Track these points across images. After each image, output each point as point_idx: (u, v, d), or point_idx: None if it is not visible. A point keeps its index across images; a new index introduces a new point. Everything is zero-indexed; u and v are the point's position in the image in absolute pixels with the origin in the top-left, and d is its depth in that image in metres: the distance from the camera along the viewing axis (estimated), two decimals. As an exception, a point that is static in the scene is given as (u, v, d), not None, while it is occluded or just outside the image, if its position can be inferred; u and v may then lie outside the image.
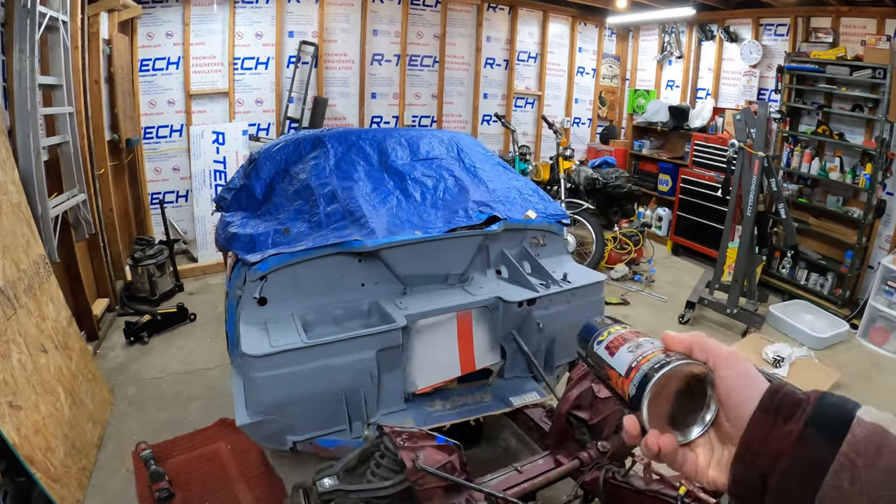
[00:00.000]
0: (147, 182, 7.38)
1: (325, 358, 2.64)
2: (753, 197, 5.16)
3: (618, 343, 0.81)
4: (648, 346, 0.75)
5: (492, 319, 3.07)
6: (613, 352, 0.80)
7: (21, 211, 3.72)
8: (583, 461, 2.60)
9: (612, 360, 0.79)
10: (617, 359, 0.79)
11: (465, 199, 3.31)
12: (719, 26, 7.70)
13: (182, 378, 4.57)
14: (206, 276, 6.77)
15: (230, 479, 3.46)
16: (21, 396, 3.05)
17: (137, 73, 7.02)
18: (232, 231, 3.20)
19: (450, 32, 8.40)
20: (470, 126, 8.80)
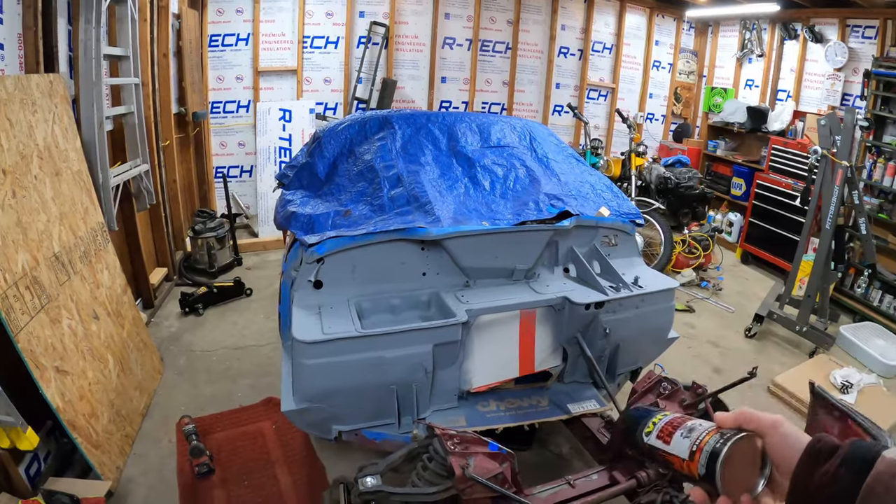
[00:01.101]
0: (212, 156, 7.47)
1: (379, 349, 2.52)
2: (834, 209, 4.83)
3: (669, 430, 0.90)
4: (700, 429, 0.84)
5: (556, 320, 2.90)
6: (668, 440, 0.89)
7: (81, 179, 3.74)
8: (640, 481, 2.43)
9: (670, 447, 0.88)
10: (675, 446, 0.87)
11: (536, 191, 3.14)
12: (803, 25, 7.26)
13: (233, 353, 4.57)
14: (265, 251, 6.81)
15: (271, 461, 3.42)
16: (69, 362, 3.07)
17: (206, 48, 7.10)
18: (291, 210, 3.11)
19: (523, 19, 8.18)
20: (541, 116, 8.58)
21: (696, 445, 0.82)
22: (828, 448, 0.71)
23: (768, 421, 0.78)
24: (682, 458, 0.84)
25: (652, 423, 0.93)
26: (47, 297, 3.03)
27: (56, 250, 3.24)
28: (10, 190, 2.90)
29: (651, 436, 0.92)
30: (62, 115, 3.58)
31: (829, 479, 0.68)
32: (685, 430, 0.86)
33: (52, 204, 3.31)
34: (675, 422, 0.90)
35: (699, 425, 0.85)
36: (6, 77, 3.09)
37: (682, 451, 0.84)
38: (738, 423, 0.81)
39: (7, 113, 2.99)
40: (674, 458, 0.87)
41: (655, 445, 0.91)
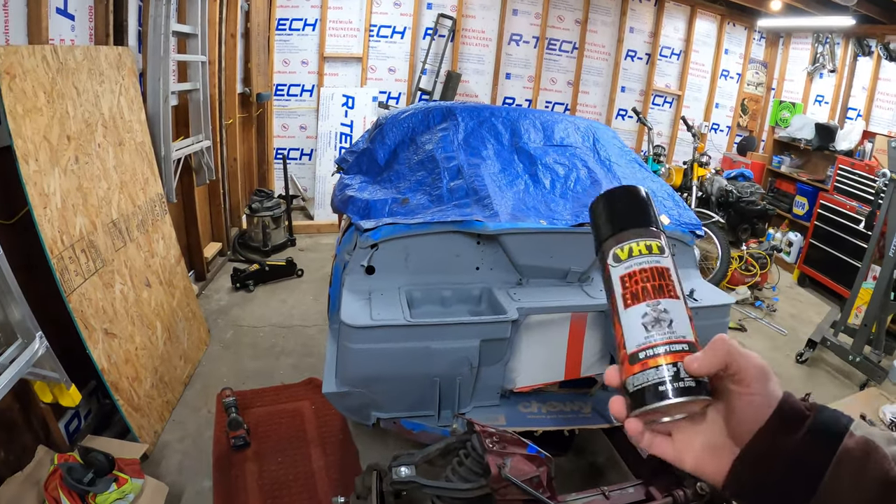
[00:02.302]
0: (273, 137, 7.60)
1: (427, 340, 2.51)
2: (899, 236, 4.61)
3: (638, 289, 0.67)
4: (664, 334, 0.64)
5: (606, 326, 2.84)
6: (628, 300, 0.67)
7: (144, 150, 3.84)
8: (677, 500, 2.37)
9: (623, 313, 0.67)
10: (628, 318, 0.67)
11: (596, 193, 3.06)
12: (878, 42, 6.97)
13: (279, 331, 4.63)
14: (319, 234, 6.91)
15: (307, 440, 3.46)
16: (117, 325, 3.16)
17: (274, 32, 7.22)
18: (349, 194, 3.13)
19: (592, 19, 8.07)
20: (604, 118, 8.45)
21: (645, 353, 0.64)
22: (795, 415, 0.63)
23: (753, 372, 0.63)
24: (624, 341, 0.66)
25: (629, 249, 0.69)
26: (102, 261, 3.12)
27: (114, 217, 3.34)
28: (73, 155, 2.99)
29: (619, 267, 0.69)
30: (129, 87, 3.68)
31: (793, 448, 0.61)
32: (654, 311, 0.65)
33: (114, 172, 3.41)
34: (655, 283, 0.66)
35: (668, 322, 0.64)
36: (76, 47, 3.18)
37: (630, 333, 0.65)
38: (715, 362, 0.63)
39: (74, 82, 3.08)
40: (618, 326, 0.67)
41: (613, 284, 0.69)
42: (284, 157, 6.71)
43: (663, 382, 0.62)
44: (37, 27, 2.90)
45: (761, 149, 8.79)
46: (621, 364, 0.66)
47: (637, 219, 0.71)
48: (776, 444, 0.62)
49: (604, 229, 0.72)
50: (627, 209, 0.72)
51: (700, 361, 0.63)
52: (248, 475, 3.14)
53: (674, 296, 0.66)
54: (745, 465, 0.64)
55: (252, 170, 7.22)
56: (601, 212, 0.73)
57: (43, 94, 2.78)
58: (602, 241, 0.72)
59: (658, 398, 0.63)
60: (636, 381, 0.64)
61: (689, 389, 0.63)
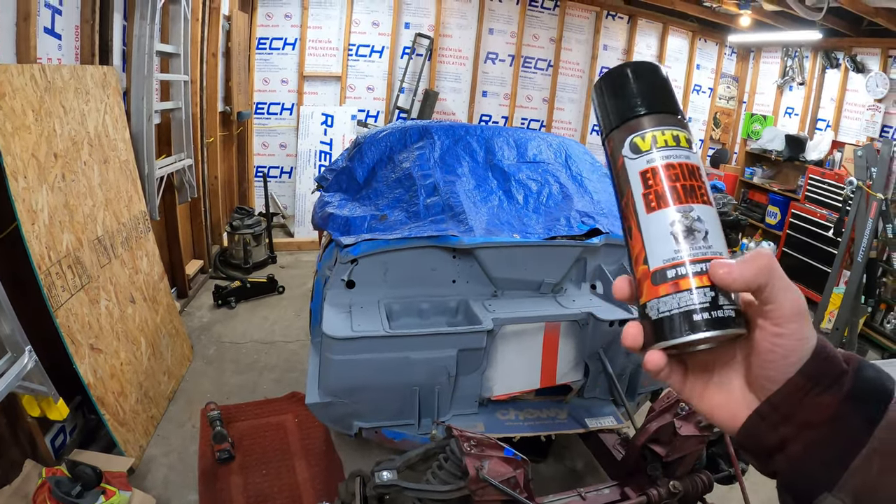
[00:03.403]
0: (253, 155, 7.67)
1: (406, 350, 2.60)
2: (867, 242, 4.78)
3: (664, 189, 0.54)
4: (700, 248, 0.53)
5: (580, 335, 2.94)
6: (652, 202, 0.55)
7: (128, 168, 3.90)
8: (651, 499, 2.47)
9: (645, 218, 0.55)
10: (652, 225, 0.54)
11: (568, 208, 3.19)
12: (845, 54, 7.19)
13: (261, 347, 4.68)
14: (299, 251, 6.96)
15: (290, 452, 3.51)
16: (103, 341, 3.20)
17: (254, 51, 7.32)
18: (329, 211, 3.21)
19: (566, 37, 8.25)
20: (579, 134, 8.63)
21: (676, 272, 0.53)
22: (832, 371, 0.52)
23: (788, 309, 0.51)
24: (646, 255, 0.55)
25: (652, 138, 0.56)
26: (88, 277, 3.17)
27: (99, 234, 3.39)
28: (60, 173, 3.05)
29: (638, 160, 0.57)
30: (113, 106, 3.75)
31: (826, 417, 0.51)
32: (684, 220, 0.53)
33: (99, 190, 3.46)
34: (681, 184, 0.54)
35: (703, 234, 0.53)
36: (63, 66, 3.25)
37: (654, 248, 0.54)
38: (752, 278, 0.51)
39: (62, 100, 3.14)
40: (636, 235, 0.56)
41: (631, 180, 0.57)
42: (265, 175, 6.77)
43: (698, 310, 0.52)
44: (25, 46, 2.96)
45: (734, 161, 8.98)
46: (640, 282, 0.55)
47: (662, 101, 0.59)
48: (805, 404, 0.52)
49: (617, 112, 0.60)
50: (649, 89, 0.59)
51: (736, 273, 0.51)
52: (234, 488, 3.19)
53: (707, 201, 0.55)
54: (764, 423, 0.54)
55: (233, 188, 7.27)
56: (614, 90, 0.60)
57: (31, 112, 2.84)
58: (614, 127, 0.60)
59: (691, 330, 0.52)
60: (662, 307, 0.53)
61: (728, 321, 0.52)
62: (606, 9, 8.25)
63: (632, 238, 0.56)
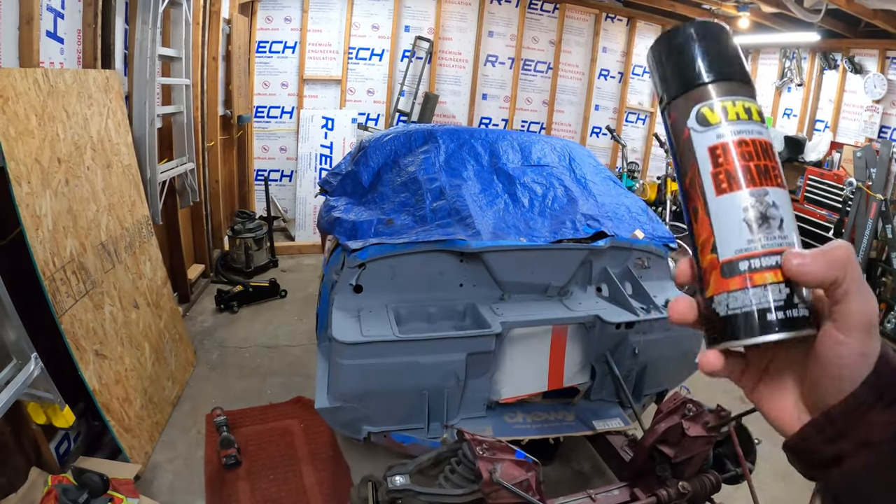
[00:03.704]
0: (254, 158, 7.68)
1: (415, 354, 2.60)
2: (866, 242, 4.81)
3: (736, 169, 0.50)
4: (776, 239, 0.48)
5: (587, 338, 2.95)
6: (723, 182, 0.50)
7: (131, 173, 3.89)
8: (660, 499, 2.46)
9: (714, 201, 0.50)
10: (723, 209, 0.50)
11: (573, 211, 3.20)
12: (843, 55, 7.22)
13: (265, 351, 4.67)
14: (301, 255, 6.95)
15: (297, 457, 3.50)
16: (108, 346, 3.19)
17: (254, 54, 7.33)
18: (335, 216, 3.22)
19: (565, 40, 8.27)
20: (579, 136, 8.64)
21: (750, 264, 0.48)
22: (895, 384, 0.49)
23: (856, 319, 0.48)
24: (714, 247, 0.50)
25: (725, 109, 0.51)
26: (92, 282, 3.15)
27: (103, 239, 3.38)
28: (63, 178, 3.04)
29: (705, 132, 0.51)
30: (116, 111, 3.74)
31: (886, 437, 0.48)
32: (759, 205, 0.49)
33: (102, 195, 3.45)
34: (755, 164, 0.50)
35: (779, 222, 0.49)
36: (66, 70, 3.25)
37: (725, 236, 0.50)
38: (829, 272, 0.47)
39: (65, 104, 3.13)
40: (703, 222, 0.51)
41: (696, 162, 0.52)
42: (266, 179, 6.78)
43: (772, 309, 0.48)
44: (28, 50, 2.95)
45: (731, 163, 8.99)
46: (707, 271, 0.51)
47: (734, 68, 0.53)
48: (866, 421, 0.49)
49: (682, 77, 0.54)
50: (720, 52, 0.54)
51: (810, 264, 0.47)
52: (241, 493, 3.18)
53: (781, 184, 0.50)
54: (819, 435, 0.51)
55: (233, 192, 7.26)
56: (679, 52, 0.54)
57: (35, 116, 2.83)
58: (677, 95, 0.54)
59: (764, 330, 0.48)
60: (733, 303, 0.49)
61: (802, 321, 0.48)
62: (605, 11, 8.27)
63: (697, 222, 0.52)
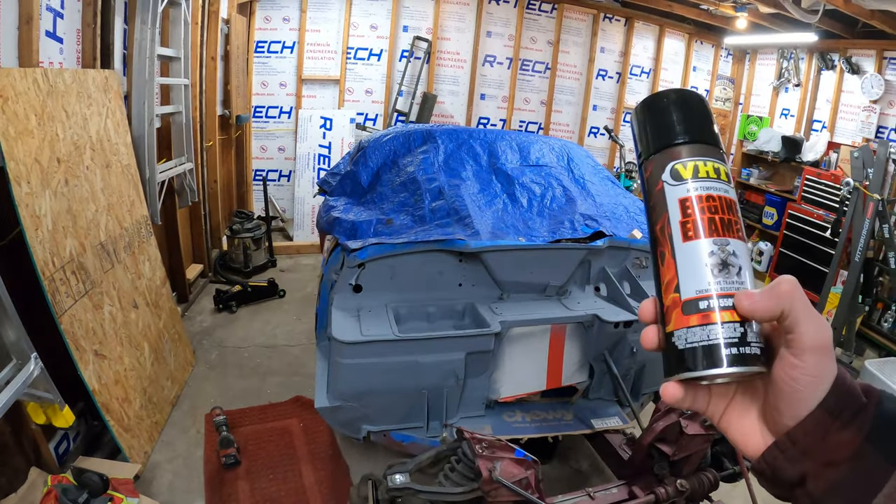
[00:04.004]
0: (252, 158, 7.67)
1: (414, 354, 2.61)
2: (864, 242, 4.82)
3: (702, 220, 0.55)
4: (734, 283, 0.53)
5: (585, 337, 2.96)
6: (689, 231, 0.55)
7: (130, 173, 3.90)
8: (659, 497, 2.49)
9: (681, 246, 0.55)
10: (688, 254, 0.54)
11: (572, 211, 3.21)
12: (841, 56, 7.21)
13: (264, 351, 4.68)
14: (299, 255, 6.96)
15: (297, 457, 3.51)
16: (107, 346, 3.20)
17: (252, 54, 7.31)
18: (335, 215, 3.22)
19: (563, 40, 8.27)
20: (577, 137, 8.64)
21: (708, 304, 0.53)
22: (852, 405, 0.52)
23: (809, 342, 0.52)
24: (678, 287, 0.55)
25: (695, 167, 0.57)
26: (91, 282, 3.16)
27: (102, 239, 3.38)
28: (63, 178, 3.04)
29: (677, 186, 0.57)
30: (115, 110, 3.74)
31: (847, 456, 0.51)
32: (720, 253, 0.54)
33: (102, 195, 3.46)
34: (720, 217, 0.55)
35: (737, 269, 0.54)
36: (65, 70, 3.25)
37: (688, 278, 0.54)
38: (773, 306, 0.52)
39: (64, 104, 3.13)
40: (668, 265, 0.56)
41: (667, 213, 0.57)
42: (264, 179, 6.77)
43: (726, 345, 0.52)
44: (27, 50, 2.95)
45: (730, 162, 9.01)
46: (669, 309, 0.55)
47: (707, 132, 0.59)
48: (826, 441, 0.52)
49: (660, 136, 0.60)
50: (695, 117, 0.60)
51: (758, 301, 0.52)
52: (241, 493, 3.19)
53: (742, 238, 0.56)
54: (783, 456, 0.55)
55: (231, 191, 7.26)
56: (660, 113, 0.60)
57: (34, 116, 2.83)
58: (654, 152, 0.60)
59: (717, 364, 0.52)
60: (691, 337, 0.53)
61: (753, 358, 0.53)
62: (603, 11, 8.27)
63: (664, 265, 0.56)
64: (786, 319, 0.52)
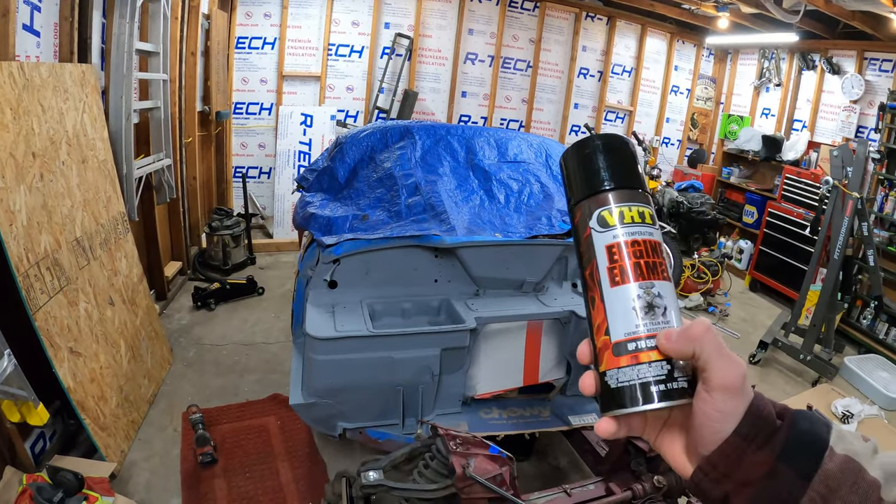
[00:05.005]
0: (232, 155, 7.59)
1: (389, 350, 2.60)
2: (843, 240, 4.85)
3: (628, 265, 0.57)
4: (659, 324, 0.56)
5: (562, 333, 2.97)
6: (616, 276, 0.57)
7: (107, 168, 3.85)
8: (636, 493, 2.49)
9: (609, 291, 0.57)
10: (616, 299, 0.56)
11: (549, 207, 3.22)
12: (821, 56, 7.29)
13: (241, 349, 4.64)
14: (279, 252, 6.91)
15: (273, 455, 3.49)
16: (82, 344, 3.15)
17: (233, 50, 7.24)
18: (311, 211, 3.21)
19: (545, 38, 8.28)
20: (558, 135, 8.65)
21: (636, 345, 0.55)
22: (765, 427, 0.56)
23: (718, 380, 0.54)
24: (607, 330, 0.57)
25: (621, 214, 0.58)
26: (66, 279, 3.11)
27: (78, 235, 3.33)
28: (38, 173, 2.99)
29: (604, 233, 0.58)
30: (92, 105, 3.69)
31: (761, 475, 0.55)
32: (646, 296, 0.56)
33: (77, 190, 3.40)
34: (645, 260, 0.57)
35: (662, 310, 0.56)
36: (41, 64, 3.19)
37: (616, 321, 0.56)
38: (690, 356, 0.55)
39: (40, 99, 3.08)
40: (598, 309, 0.58)
41: (595, 259, 0.58)
42: (244, 176, 6.69)
43: (654, 382, 0.55)
44: (4, 43, 2.91)
45: (711, 161, 9.08)
46: (601, 351, 0.58)
47: (631, 177, 0.61)
48: (743, 462, 0.55)
49: (586, 183, 0.61)
50: (619, 163, 0.61)
51: (672, 341, 0.55)
52: (217, 491, 3.16)
53: (667, 277, 0.58)
54: (706, 478, 0.58)
55: (211, 188, 7.20)
56: (585, 161, 0.62)
57: (9, 110, 2.78)
58: (582, 199, 0.61)
59: (647, 400, 0.55)
60: (622, 377, 0.56)
61: (680, 392, 0.56)
62: (586, 10, 8.29)
63: (594, 308, 0.59)
64: (698, 360, 0.55)
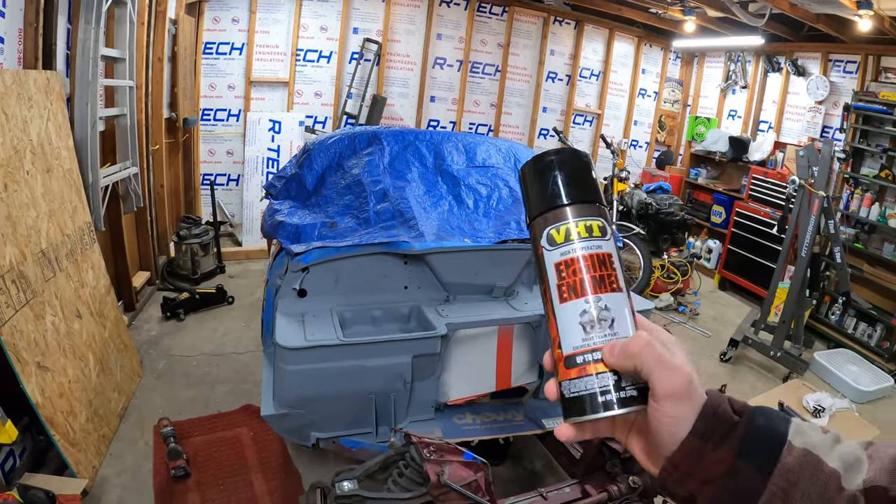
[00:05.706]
0: (200, 162, 7.50)
1: (360, 358, 2.58)
2: (810, 237, 4.94)
3: (576, 282, 0.58)
4: (606, 336, 0.58)
5: (534, 337, 2.97)
6: (564, 293, 0.59)
7: (72, 178, 3.77)
8: (611, 494, 2.51)
9: (559, 308, 0.59)
10: (565, 315, 0.59)
11: (518, 211, 3.23)
12: (787, 58, 7.45)
13: (212, 359, 4.58)
14: (248, 260, 6.83)
15: (247, 466, 3.44)
16: (50, 358, 3.08)
17: (200, 55, 7.16)
18: (279, 219, 3.18)
19: (514, 43, 8.33)
20: (526, 138, 8.70)
21: (584, 358, 0.58)
22: (723, 426, 0.57)
23: (662, 389, 0.56)
24: (560, 341, 0.59)
25: (567, 231, 0.60)
26: (32, 292, 3.04)
27: (43, 246, 3.26)
28: (2, 183, 2.91)
29: (552, 251, 0.60)
30: (57, 113, 3.61)
31: (722, 473, 0.56)
32: (593, 311, 0.58)
33: (42, 200, 3.33)
34: (591, 275, 0.58)
35: (609, 322, 0.58)
36: (5, 71, 3.11)
37: (566, 336, 0.59)
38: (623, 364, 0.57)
39: (3, 107, 3.00)
40: (552, 323, 0.60)
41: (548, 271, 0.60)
42: (212, 183, 6.62)
43: (602, 392, 0.57)
44: (-33, 50, 2.84)
45: (679, 162, 9.21)
46: (557, 362, 0.60)
47: (577, 193, 0.61)
48: (703, 461, 0.57)
49: (536, 203, 0.63)
50: (566, 179, 0.62)
51: (613, 357, 0.57)
52: (190, 505, 3.12)
53: (616, 288, 0.59)
54: (671, 478, 0.60)
55: (179, 196, 7.10)
56: (534, 180, 0.63)
57: (-27, 118, 2.71)
58: (535, 216, 0.63)
59: (595, 409, 0.57)
60: (573, 388, 0.58)
61: (630, 400, 0.58)
62: (554, 14, 8.36)
63: (549, 322, 0.61)
64: (640, 372, 0.57)
